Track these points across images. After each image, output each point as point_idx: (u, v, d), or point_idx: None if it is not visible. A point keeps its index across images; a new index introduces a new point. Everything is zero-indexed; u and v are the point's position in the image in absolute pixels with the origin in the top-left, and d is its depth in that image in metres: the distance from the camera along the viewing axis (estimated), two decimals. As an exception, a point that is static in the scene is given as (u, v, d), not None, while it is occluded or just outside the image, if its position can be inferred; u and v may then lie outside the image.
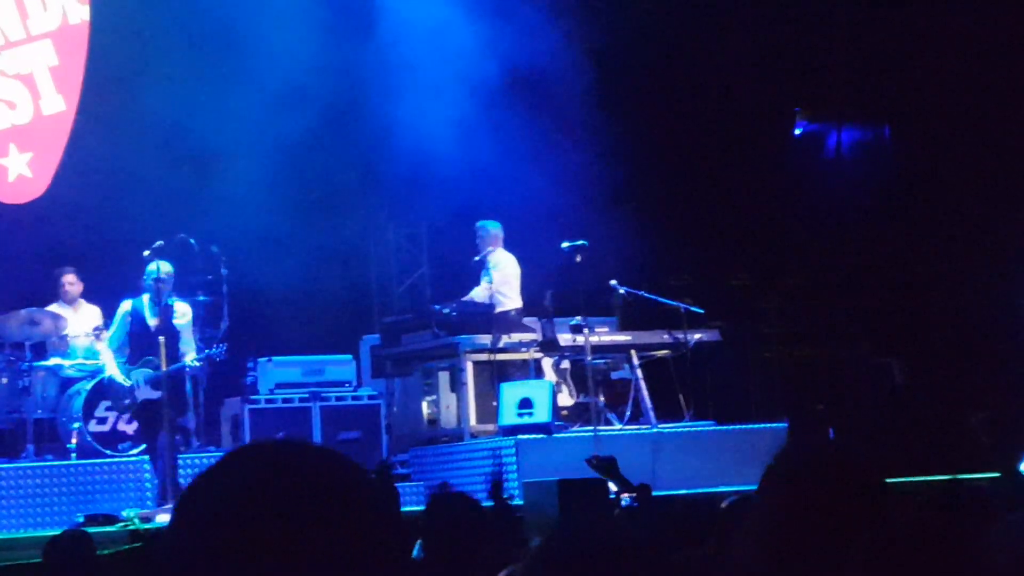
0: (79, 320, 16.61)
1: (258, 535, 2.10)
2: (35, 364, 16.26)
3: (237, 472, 2.17)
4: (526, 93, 17.75)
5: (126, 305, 15.42)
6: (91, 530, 10.89)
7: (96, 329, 16.49)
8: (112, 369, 15.40)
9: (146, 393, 15.22)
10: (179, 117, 17.73)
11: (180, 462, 15.74)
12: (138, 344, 15.31)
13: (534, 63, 17.68)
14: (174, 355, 15.20)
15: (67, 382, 16.38)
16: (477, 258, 17.45)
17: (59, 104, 18.64)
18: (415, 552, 7.42)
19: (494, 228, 17.46)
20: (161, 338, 15.83)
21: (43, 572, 7.35)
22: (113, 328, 15.59)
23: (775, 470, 3.25)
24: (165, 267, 15.21)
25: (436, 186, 18.08)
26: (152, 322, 15.26)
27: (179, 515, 2.18)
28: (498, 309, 17.20)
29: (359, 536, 2.13)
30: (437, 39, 18.00)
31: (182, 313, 15.54)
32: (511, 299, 17.27)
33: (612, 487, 12.73)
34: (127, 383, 15.25)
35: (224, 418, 18.03)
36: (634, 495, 11.83)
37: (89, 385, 16.11)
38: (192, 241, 16.47)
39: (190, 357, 15.32)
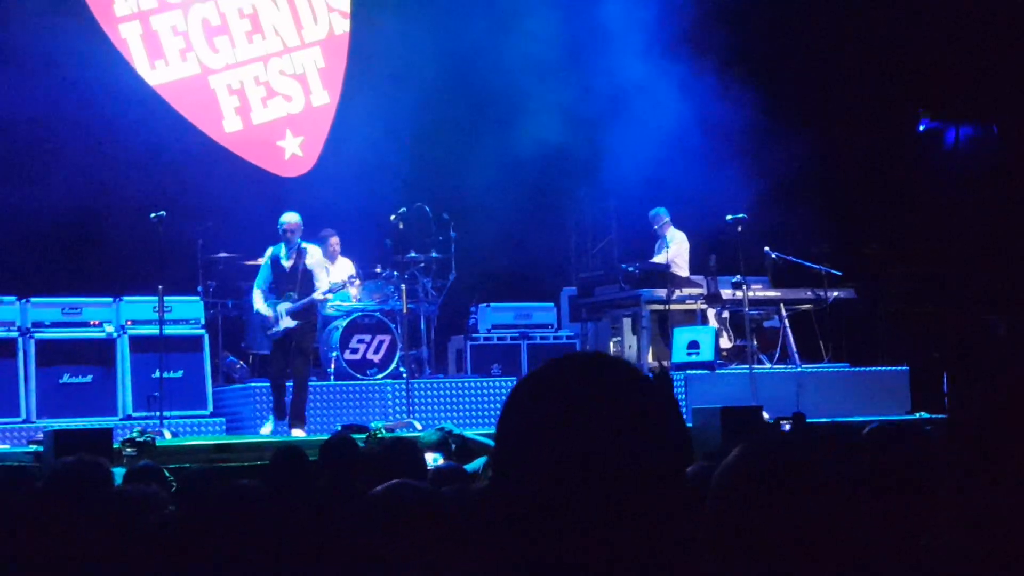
0: (337, 271, 16.72)
1: (581, 431, 1.99)
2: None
3: (559, 378, 2.07)
4: (700, 94, 17.66)
5: (268, 252, 14.96)
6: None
7: (350, 278, 16.59)
8: (259, 305, 14.88)
9: (287, 323, 14.71)
10: (420, 109, 17.92)
11: (414, 385, 15.91)
12: (278, 282, 14.84)
13: (702, 71, 17.62)
14: (307, 290, 14.75)
15: (327, 320, 16.35)
16: (656, 227, 17.52)
17: (325, 98, 18.88)
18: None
19: (664, 212, 17.51)
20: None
21: (318, 466, 7.50)
22: (260, 274, 15.05)
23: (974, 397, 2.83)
24: (288, 217, 14.75)
25: (624, 166, 18.02)
26: (287, 264, 14.78)
27: (508, 417, 2.07)
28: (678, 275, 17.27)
29: (658, 431, 2.04)
30: (628, 16, 18.00)
31: (311, 254, 14.88)
32: (682, 269, 17.30)
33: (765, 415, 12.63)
34: (270, 314, 14.73)
35: (450, 352, 18.25)
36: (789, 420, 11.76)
37: (344, 322, 16.20)
38: (427, 209, 16.65)
39: (319, 292, 14.85)
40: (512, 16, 17.95)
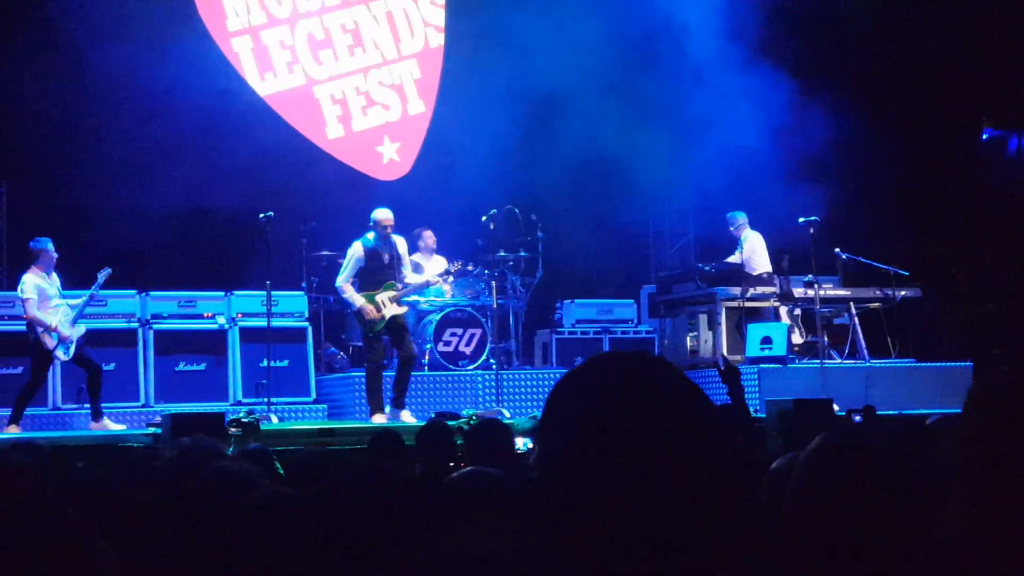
0: (431, 267, 16.71)
1: (621, 424, 1.98)
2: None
3: (600, 375, 2.04)
4: (775, 102, 17.50)
5: (357, 246, 14.51)
6: (439, 423, 10.93)
7: (443, 274, 16.55)
8: (360, 300, 14.44)
9: (396, 310, 14.53)
10: (509, 115, 17.75)
11: (503, 376, 15.86)
12: (376, 273, 14.51)
13: (776, 86, 17.46)
14: (401, 278, 14.60)
15: (422, 314, 16.38)
16: (732, 228, 17.38)
17: (421, 107, 18.95)
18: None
19: (740, 215, 17.36)
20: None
21: (415, 450, 7.50)
22: (347, 267, 14.54)
23: (979, 395, 2.88)
24: (385, 212, 14.52)
25: (700, 170, 17.88)
26: (385, 256, 14.51)
27: (553, 408, 2.06)
28: (752, 274, 17.13)
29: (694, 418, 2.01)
30: (709, 25, 17.83)
31: (400, 244, 14.69)
32: (761, 266, 17.11)
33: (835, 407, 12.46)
34: (371, 307, 14.33)
35: (537, 344, 18.18)
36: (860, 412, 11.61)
37: (438, 317, 16.18)
38: (516, 210, 16.62)
39: (411, 279, 14.78)
40: (592, 24, 17.86)
